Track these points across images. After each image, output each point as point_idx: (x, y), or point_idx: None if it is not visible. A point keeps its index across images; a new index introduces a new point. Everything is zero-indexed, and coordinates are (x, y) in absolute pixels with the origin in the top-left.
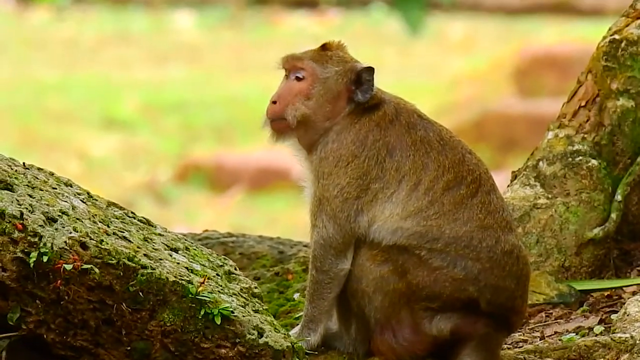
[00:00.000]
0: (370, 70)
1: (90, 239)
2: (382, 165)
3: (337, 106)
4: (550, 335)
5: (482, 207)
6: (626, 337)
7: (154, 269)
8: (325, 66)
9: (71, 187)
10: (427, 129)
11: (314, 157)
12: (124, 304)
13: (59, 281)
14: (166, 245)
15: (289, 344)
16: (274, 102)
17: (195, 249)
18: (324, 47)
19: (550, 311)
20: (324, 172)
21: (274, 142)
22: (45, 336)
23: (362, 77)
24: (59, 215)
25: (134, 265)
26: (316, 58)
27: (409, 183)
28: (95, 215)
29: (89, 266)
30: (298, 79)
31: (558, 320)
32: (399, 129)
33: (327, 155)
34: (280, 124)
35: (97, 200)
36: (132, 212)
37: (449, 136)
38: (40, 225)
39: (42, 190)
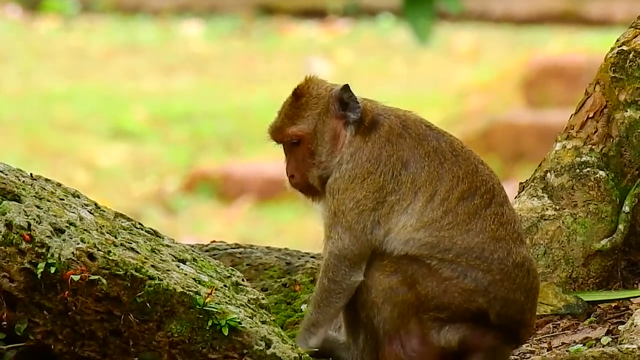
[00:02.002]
0: (346, 87)
1: (98, 250)
2: (398, 179)
3: (339, 138)
4: (558, 346)
5: (495, 218)
6: (633, 348)
7: (161, 280)
8: (306, 118)
9: (79, 198)
10: (438, 139)
11: (329, 179)
12: (131, 315)
13: (67, 292)
14: (174, 256)
15: (297, 355)
16: (292, 176)
17: (202, 260)
18: (296, 95)
19: (558, 322)
20: (339, 188)
21: (315, 204)
22: (52, 347)
23: (344, 98)
24: (66, 226)
25: (141, 276)
26: (294, 117)
27: (424, 194)
28: (103, 226)
29: (96, 277)
30: (294, 144)
31: (565, 331)
32: (409, 142)
33: (343, 174)
34: (310, 191)
35: (104, 211)
36: (139, 223)
37: (460, 146)
38: (47, 236)
39: (49, 201)
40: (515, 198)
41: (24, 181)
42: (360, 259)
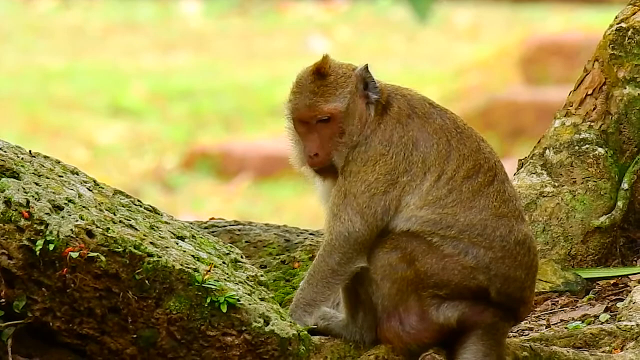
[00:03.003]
0: (367, 67)
1: (97, 227)
2: (410, 159)
3: (363, 118)
4: (556, 323)
5: (497, 195)
6: (632, 325)
7: (160, 257)
8: (338, 96)
9: (77, 175)
10: (442, 117)
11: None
12: (130, 292)
13: (65, 269)
14: (172, 233)
15: (295, 332)
16: (316, 155)
17: (201, 237)
18: (321, 73)
19: (556, 299)
20: (352, 171)
21: (323, 181)
22: (51, 324)
23: (366, 78)
24: (65, 204)
25: (140, 253)
26: (325, 95)
27: (434, 174)
28: (102, 203)
29: (95, 254)
30: (323, 121)
31: (564, 308)
32: (417, 122)
33: (355, 157)
34: (327, 169)
35: (103, 188)
36: (138, 200)
37: (462, 123)
38: (46, 213)
39: (48, 179)
40: (514, 175)
41: (22, 158)
42: (368, 244)
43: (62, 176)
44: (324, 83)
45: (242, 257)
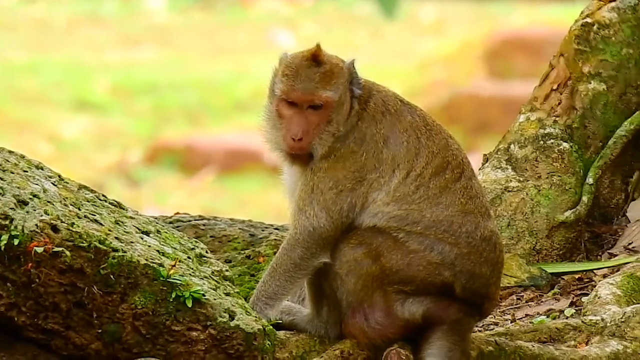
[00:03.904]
0: (353, 63)
1: (62, 222)
2: (379, 157)
3: (347, 111)
4: (521, 318)
5: (464, 192)
6: (597, 320)
7: (125, 252)
8: (335, 85)
9: (42, 170)
10: (412, 114)
11: (314, 159)
12: (95, 287)
13: (30, 264)
14: (137, 228)
15: (261, 327)
16: (299, 139)
17: (166, 232)
18: (318, 61)
19: (521, 294)
20: (322, 167)
21: (291, 167)
22: (16, 319)
23: (353, 73)
24: (30, 198)
25: (105, 248)
26: (324, 82)
27: (402, 171)
28: (67, 198)
29: (60, 249)
30: (314, 107)
31: (529, 303)
32: (389, 119)
33: (329, 153)
34: (303, 157)
35: (68, 183)
36: (103, 195)
37: (431, 120)
38: (11, 208)
39: (13, 173)
40: (479, 170)
41: None
42: (332, 240)
43: (26, 171)
44: (320, 70)
45: (207, 252)
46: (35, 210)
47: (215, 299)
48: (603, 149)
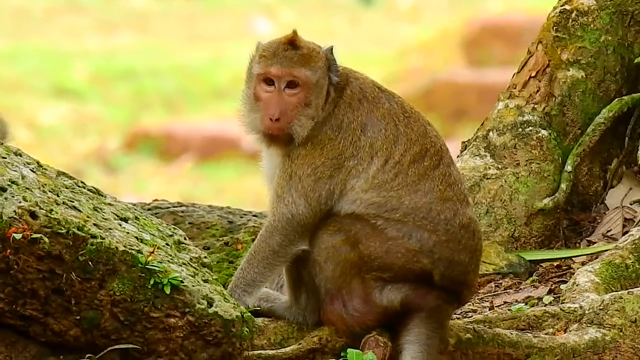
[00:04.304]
0: (331, 50)
1: (40, 208)
2: (357, 144)
3: (325, 97)
4: (500, 305)
5: (442, 179)
6: (575, 307)
7: (103, 239)
8: (313, 68)
9: (21, 156)
10: (390, 100)
11: (292, 145)
12: (73, 274)
13: (9, 250)
14: (116, 214)
15: (239, 314)
16: (277, 120)
17: (144, 219)
18: (294, 45)
19: (500, 281)
20: (300, 153)
21: (267, 149)
22: None
23: (331, 59)
24: (8, 185)
25: (83, 234)
26: (303, 62)
27: (381, 158)
28: (45, 184)
29: (38, 235)
30: (291, 86)
31: (507, 290)
32: (367, 106)
33: (307, 141)
34: (281, 139)
35: (46, 169)
36: (81, 182)
37: (409, 107)
38: None
39: None
40: (457, 157)
41: None
42: (311, 227)
43: (5, 157)
44: (298, 52)
45: (185, 238)
46: (13, 196)
47: (193, 286)
48: (582, 136)
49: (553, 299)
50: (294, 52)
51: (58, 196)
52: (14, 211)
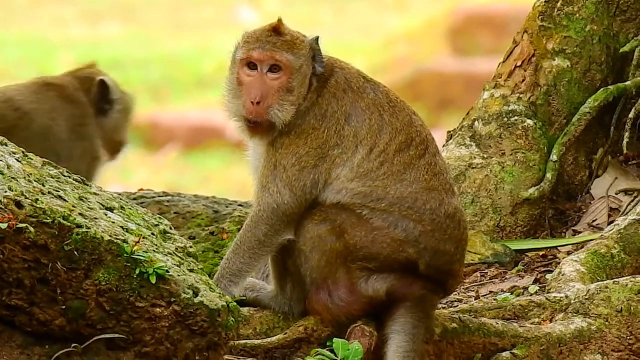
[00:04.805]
0: (317, 40)
1: (25, 197)
2: (341, 133)
3: (307, 86)
4: (485, 295)
5: (428, 168)
6: (561, 297)
7: (89, 228)
8: (296, 54)
9: (6, 146)
10: (375, 90)
11: (275, 134)
12: (59, 263)
13: None
14: (101, 204)
15: (224, 303)
16: (258, 103)
17: (130, 208)
18: (278, 31)
19: (485, 270)
20: (283, 142)
21: (249, 139)
22: None
23: (314, 49)
24: None
25: (69, 224)
26: (285, 47)
27: (365, 147)
28: (31, 174)
29: (24, 225)
30: (273, 71)
31: (493, 280)
32: (351, 96)
33: (290, 130)
34: (262, 127)
35: (32, 159)
36: (67, 171)
37: (395, 97)
38: None
39: None
40: (443, 146)
41: None
42: (296, 217)
43: None
44: (281, 38)
45: (170, 228)
46: None
47: (179, 275)
48: (567, 125)
49: (539, 288)
50: (278, 38)
51: (43, 186)
52: (0, 201)
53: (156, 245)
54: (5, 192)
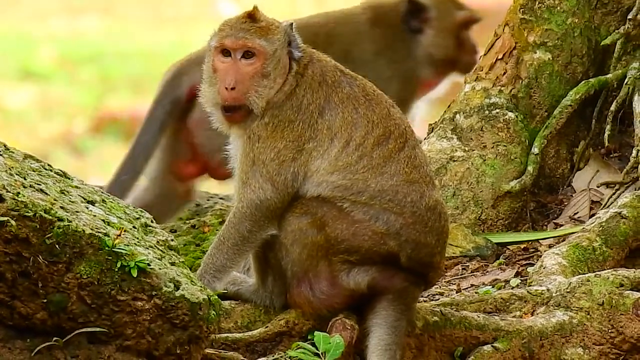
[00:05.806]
0: (292, 25)
1: (7, 191)
2: (315, 127)
3: (285, 70)
4: (467, 288)
5: (408, 161)
6: (542, 290)
7: (70, 222)
8: (270, 40)
9: None
10: (351, 84)
11: (252, 124)
12: (40, 257)
13: None
14: (83, 197)
15: (206, 297)
16: (232, 89)
17: (111, 202)
18: (253, 17)
19: (467, 264)
20: (260, 136)
21: (227, 129)
22: None
23: (290, 35)
24: None
25: (50, 217)
26: (258, 33)
27: (340, 140)
28: (12, 167)
29: (5, 218)
30: (247, 57)
31: (474, 273)
32: (326, 89)
33: (268, 121)
34: (239, 114)
35: (13, 152)
36: (48, 165)
37: (372, 90)
38: None
39: None
40: (424, 139)
41: None
42: (280, 211)
43: None
44: (255, 25)
45: (152, 221)
46: None
47: (160, 269)
48: (548, 118)
49: (520, 281)
50: (252, 24)
51: (25, 179)
52: None
53: (137, 238)
54: None
